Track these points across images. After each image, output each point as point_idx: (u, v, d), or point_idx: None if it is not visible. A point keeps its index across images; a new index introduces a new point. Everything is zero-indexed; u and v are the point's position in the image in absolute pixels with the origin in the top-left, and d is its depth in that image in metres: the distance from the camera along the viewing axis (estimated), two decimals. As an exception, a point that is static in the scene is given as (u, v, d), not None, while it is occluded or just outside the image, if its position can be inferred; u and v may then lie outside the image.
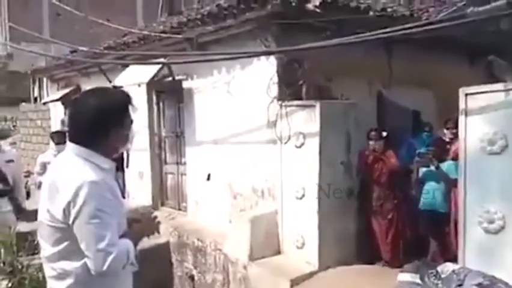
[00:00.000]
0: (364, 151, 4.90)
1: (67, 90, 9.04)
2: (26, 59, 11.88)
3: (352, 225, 4.79)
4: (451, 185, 4.44)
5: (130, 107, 1.91)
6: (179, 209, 6.74)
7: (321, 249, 4.51)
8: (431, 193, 4.71)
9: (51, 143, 6.29)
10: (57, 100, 9.19)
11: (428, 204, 4.73)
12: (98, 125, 1.81)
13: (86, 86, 8.30)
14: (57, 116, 9.90)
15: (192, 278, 5.61)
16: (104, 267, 1.68)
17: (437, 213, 4.66)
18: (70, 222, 1.71)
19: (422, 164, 4.72)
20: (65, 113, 9.30)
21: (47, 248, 1.83)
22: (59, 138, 6.17)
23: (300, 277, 4.36)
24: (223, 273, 5.08)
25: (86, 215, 1.69)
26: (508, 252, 3.31)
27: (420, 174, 4.86)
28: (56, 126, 9.61)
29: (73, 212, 1.69)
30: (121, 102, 1.89)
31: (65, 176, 1.76)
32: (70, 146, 1.85)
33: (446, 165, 4.61)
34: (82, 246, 1.71)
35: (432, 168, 4.64)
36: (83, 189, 1.69)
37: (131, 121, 1.94)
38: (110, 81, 6.89)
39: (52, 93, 10.19)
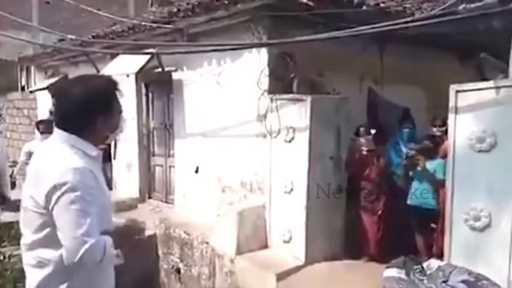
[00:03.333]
0: (354, 147, 4.88)
1: (54, 79, 8.89)
2: (13, 47, 11.65)
3: (340, 221, 4.79)
4: (438, 184, 4.38)
5: (117, 94, 1.89)
6: (167, 202, 6.69)
7: (308, 243, 4.50)
8: (419, 191, 4.67)
9: (37, 133, 6.18)
10: (44, 89, 9.04)
11: (415, 201, 4.72)
12: (85, 111, 1.78)
13: (74, 75, 8.13)
14: (44, 105, 9.73)
15: (178, 270, 5.57)
16: (77, 257, 1.62)
17: (424, 209, 4.66)
18: (50, 207, 1.66)
19: (410, 167, 4.65)
20: (52, 103, 9.15)
21: (27, 235, 1.79)
22: (45, 127, 6.07)
23: (287, 271, 4.34)
24: (210, 266, 5.05)
25: (67, 201, 1.65)
26: (493, 249, 3.32)
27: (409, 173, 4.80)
28: (43, 115, 9.45)
29: (55, 197, 1.65)
30: (107, 88, 1.87)
31: (50, 161, 1.73)
32: (56, 132, 1.82)
33: (436, 164, 4.57)
34: (59, 233, 1.66)
35: (419, 169, 4.57)
36: (67, 175, 1.66)
37: (120, 108, 1.92)
38: (98, 71, 6.77)
39: (39, 82, 10.01)
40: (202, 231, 5.27)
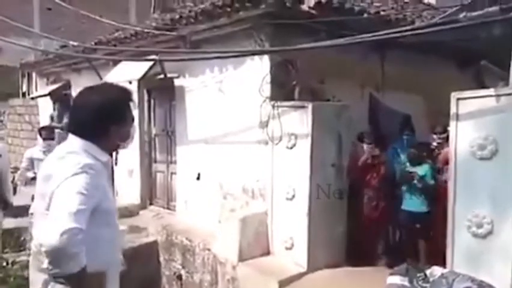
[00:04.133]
0: (355, 153, 4.90)
1: (56, 86, 8.93)
2: (15, 53, 11.70)
3: (342, 227, 4.79)
4: (430, 189, 4.57)
5: (131, 104, 1.95)
6: (168, 208, 6.69)
7: (310, 250, 4.50)
8: (413, 198, 4.71)
9: (39, 139, 6.19)
10: (46, 95, 9.08)
11: (409, 206, 4.76)
12: (99, 120, 1.84)
13: (76, 81, 8.21)
14: (45, 111, 9.76)
15: (179, 277, 5.57)
16: (58, 236, 1.50)
17: (418, 213, 4.70)
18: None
19: (406, 182, 4.74)
20: (54, 108, 9.18)
21: (36, 239, 1.81)
22: (47, 133, 6.08)
23: (289, 278, 4.35)
24: (212, 273, 5.05)
25: (67, 186, 1.65)
26: (496, 256, 3.33)
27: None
28: (44, 121, 9.48)
29: (60, 185, 1.65)
30: (122, 98, 1.93)
31: (62, 163, 1.76)
32: (71, 137, 1.87)
33: (425, 169, 4.68)
34: (49, 214, 1.61)
35: (415, 182, 4.65)
36: (74, 168, 1.69)
37: (133, 118, 1.98)
38: (100, 77, 6.81)
39: (41, 88, 10.06)
40: (204, 238, 5.27)
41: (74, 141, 1.85)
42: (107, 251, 1.82)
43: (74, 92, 8.00)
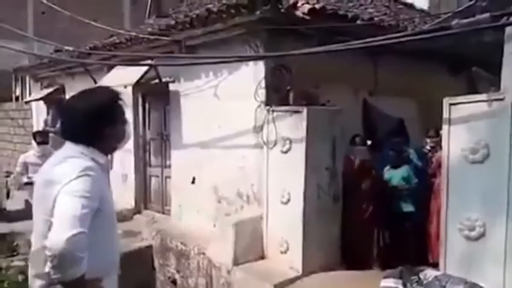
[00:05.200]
0: (348, 156, 4.95)
1: (50, 90, 8.91)
2: (8, 57, 11.65)
3: (336, 231, 4.82)
4: (416, 190, 4.79)
5: (120, 105, 1.95)
6: (163, 213, 6.68)
7: (305, 254, 4.51)
8: (402, 201, 4.88)
9: (33, 143, 6.17)
10: (40, 99, 9.05)
11: (399, 209, 4.89)
12: (91, 124, 1.84)
13: (71, 86, 8.19)
14: (39, 115, 9.73)
15: (174, 282, 5.55)
16: (65, 239, 1.51)
17: (406, 213, 4.84)
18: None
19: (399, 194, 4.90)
20: (48, 113, 9.15)
21: (35, 244, 1.80)
22: (41, 137, 6.07)
23: (284, 282, 4.35)
24: (206, 277, 5.04)
25: (69, 189, 1.65)
26: (487, 258, 3.38)
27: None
28: (38, 125, 9.44)
29: (62, 189, 1.66)
30: (110, 100, 1.93)
31: (63, 166, 1.76)
32: (67, 144, 1.88)
33: (405, 171, 4.88)
34: (54, 218, 1.61)
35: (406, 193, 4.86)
36: (74, 172, 1.69)
37: (125, 118, 1.99)
38: (95, 82, 6.81)
39: (35, 92, 10.02)
40: (199, 242, 5.27)
41: (71, 147, 1.85)
42: (106, 255, 1.83)
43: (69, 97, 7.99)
